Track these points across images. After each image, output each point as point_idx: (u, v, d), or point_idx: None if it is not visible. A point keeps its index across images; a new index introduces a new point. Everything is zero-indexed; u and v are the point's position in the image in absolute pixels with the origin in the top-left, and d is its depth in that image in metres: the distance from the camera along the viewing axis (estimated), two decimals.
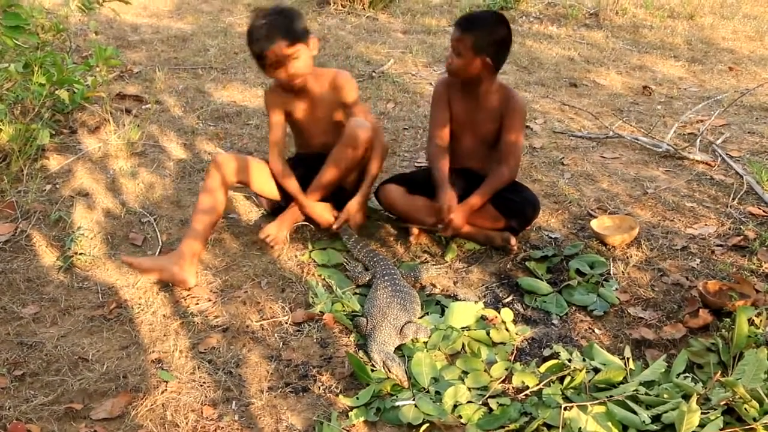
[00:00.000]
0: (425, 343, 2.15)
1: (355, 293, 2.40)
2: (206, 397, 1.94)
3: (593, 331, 2.25)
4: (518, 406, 1.88)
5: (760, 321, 2.09)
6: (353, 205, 2.66)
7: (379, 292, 2.26)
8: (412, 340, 2.15)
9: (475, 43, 2.46)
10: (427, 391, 1.95)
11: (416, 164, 3.34)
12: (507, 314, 2.26)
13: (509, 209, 2.62)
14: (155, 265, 2.40)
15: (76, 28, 5.10)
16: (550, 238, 2.75)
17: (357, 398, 1.92)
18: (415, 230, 2.70)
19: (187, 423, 1.85)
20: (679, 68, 5.02)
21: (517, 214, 2.63)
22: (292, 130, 2.82)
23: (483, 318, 2.26)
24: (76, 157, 3.26)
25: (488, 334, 2.17)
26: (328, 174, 2.66)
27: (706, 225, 2.84)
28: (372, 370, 2.01)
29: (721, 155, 3.47)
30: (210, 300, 2.36)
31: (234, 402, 1.93)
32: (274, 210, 2.79)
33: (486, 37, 2.48)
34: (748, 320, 2.05)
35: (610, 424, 1.74)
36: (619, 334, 2.22)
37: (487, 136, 2.65)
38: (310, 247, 2.66)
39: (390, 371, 1.97)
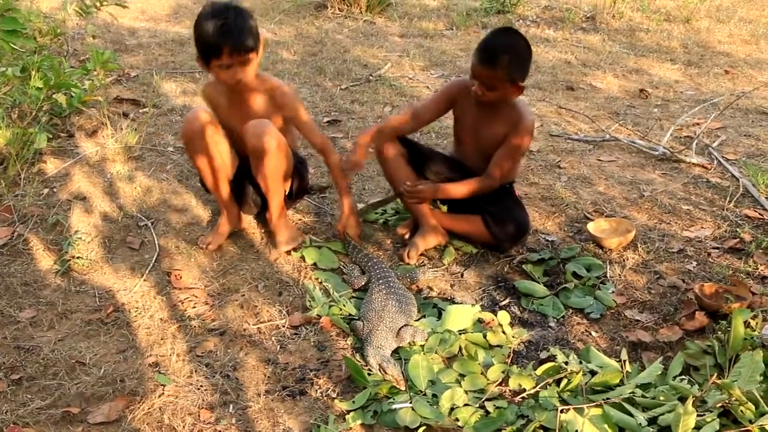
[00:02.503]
0: (422, 346, 2.15)
1: (352, 297, 2.40)
2: (203, 400, 1.94)
3: (590, 333, 2.25)
4: (515, 408, 1.88)
5: (756, 323, 2.10)
6: (345, 212, 2.66)
7: (374, 296, 2.26)
8: (409, 343, 2.15)
9: (509, 74, 2.40)
10: (424, 394, 1.95)
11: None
12: (504, 317, 2.27)
13: (497, 227, 2.60)
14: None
15: (73, 32, 5.11)
16: (547, 241, 2.75)
17: (353, 402, 1.92)
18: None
19: (184, 427, 1.85)
20: (675, 71, 5.04)
21: (505, 233, 2.61)
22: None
23: (480, 321, 2.26)
24: (73, 160, 3.26)
25: (485, 337, 2.18)
26: (269, 193, 2.59)
27: (702, 228, 2.84)
28: (369, 374, 2.01)
29: (717, 158, 3.48)
30: (207, 303, 2.36)
31: (231, 405, 1.93)
32: (262, 208, 2.74)
33: (517, 65, 2.42)
34: (744, 323, 2.05)
35: (606, 426, 1.74)
36: (616, 337, 2.23)
37: (488, 145, 2.63)
38: (306, 243, 2.66)
39: (386, 373, 1.97)
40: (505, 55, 2.39)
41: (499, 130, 2.55)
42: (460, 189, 2.61)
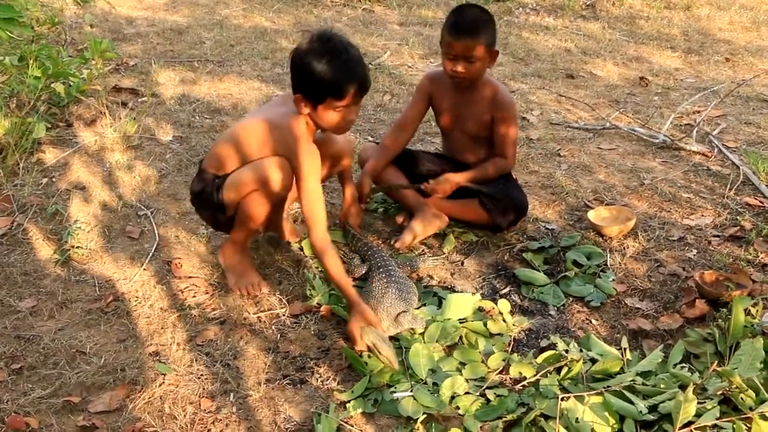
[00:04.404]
0: (422, 334, 2.15)
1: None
2: (204, 389, 1.94)
3: (590, 321, 2.25)
4: (515, 396, 1.88)
5: (756, 311, 2.10)
6: (347, 201, 2.65)
7: (375, 284, 2.26)
8: (409, 331, 2.15)
9: (487, 42, 2.48)
10: (425, 383, 1.95)
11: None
12: (504, 305, 2.27)
13: (495, 208, 2.61)
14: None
15: (71, 20, 5.08)
16: (547, 229, 2.75)
17: (352, 392, 1.92)
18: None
19: (184, 415, 1.85)
20: (675, 59, 5.02)
21: (503, 214, 2.62)
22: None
23: (480, 309, 2.26)
24: (72, 150, 3.25)
25: (485, 325, 2.18)
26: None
27: (702, 216, 2.84)
28: (369, 357, 2.01)
29: (717, 146, 3.47)
30: (207, 292, 2.36)
31: (232, 394, 1.93)
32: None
33: (492, 31, 2.51)
34: (745, 310, 2.05)
35: (607, 414, 1.75)
36: (616, 325, 2.23)
37: (476, 131, 2.65)
38: (303, 234, 2.66)
39: (380, 353, 1.96)
40: (481, 23, 2.49)
41: (480, 107, 2.61)
42: (474, 173, 2.64)
